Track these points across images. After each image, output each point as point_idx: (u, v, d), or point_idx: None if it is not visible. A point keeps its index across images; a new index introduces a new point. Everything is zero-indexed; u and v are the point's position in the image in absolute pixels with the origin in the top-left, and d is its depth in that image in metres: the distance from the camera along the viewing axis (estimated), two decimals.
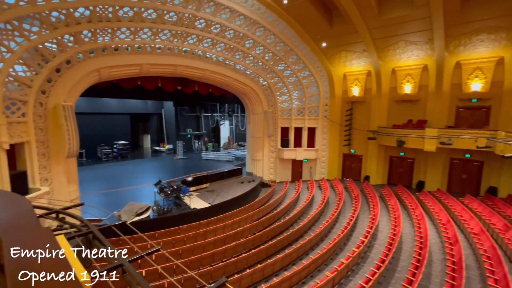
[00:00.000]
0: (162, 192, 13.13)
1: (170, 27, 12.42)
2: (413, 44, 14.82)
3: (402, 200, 14.27)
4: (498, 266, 7.58)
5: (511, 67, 12.83)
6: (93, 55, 11.24)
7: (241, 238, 10.10)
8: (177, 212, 12.20)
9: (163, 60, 13.54)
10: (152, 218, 11.53)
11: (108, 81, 13.10)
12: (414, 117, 16.32)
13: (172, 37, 13.03)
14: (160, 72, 14.36)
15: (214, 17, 13.17)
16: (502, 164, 13.47)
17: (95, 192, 16.48)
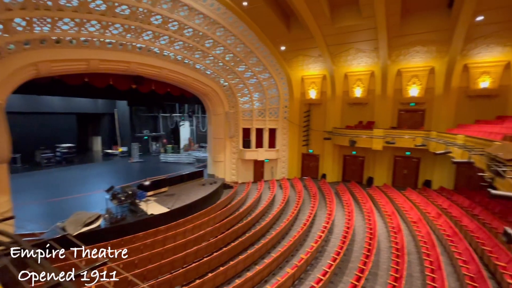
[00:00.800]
0: (115, 198, 12.16)
1: (123, 21, 11.59)
2: (362, 52, 16.17)
3: (354, 195, 15.45)
4: (432, 249, 8.67)
5: (440, 75, 14.80)
6: (28, 47, 9.92)
7: (202, 242, 9.86)
8: (133, 220, 11.41)
9: (114, 56, 12.58)
10: (103, 227, 10.58)
11: (50, 77, 11.69)
12: (364, 118, 17.81)
13: (125, 32, 12.18)
14: (112, 69, 13.30)
15: (172, 13, 12.67)
16: (434, 160, 15.46)
17: (34, 202, 14.54)
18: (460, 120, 14.65)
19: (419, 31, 13.92)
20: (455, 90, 14.63)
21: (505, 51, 13.03)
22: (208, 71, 17.14)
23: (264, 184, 18.84)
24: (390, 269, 7.97)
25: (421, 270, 8.37)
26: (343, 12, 14.54)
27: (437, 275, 7.32)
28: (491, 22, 12.14)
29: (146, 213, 12.02)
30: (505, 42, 12.74)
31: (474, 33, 12.82)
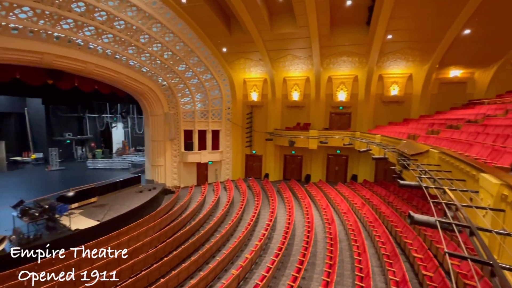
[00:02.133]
0: (25, 215, 10.14)
1: (33, 4, 9.80)
2: (298, 59, 17.39)
3: (294, 192, 16.47)
4: (359, 235, 9.87)
5: (362, 83, 17.02)
6: None
7: (140, 254, 9.05)
8: (51, 238, 9.71)
9: (21, 44, 10.57)
10: (9, 251, 8.70)
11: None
12: (302, 120, 19.17)
13: (37, 18, 10.33)
14: (18, 60, 11.15)
15: (98, 2, 11.31)
16: (359, 157, 17.69)
17: None
18: (378, 121, 17.14)
19: (345, 43, 15.73)
20: (373, 96, 17.04)
21: (408, 65, 15.81)
22: (144, 69, 15.91)
23: (208, 187, 18.47)
24: (326, 257, 8.75)
25: (350, 255, 9.43)
26: (281, 19, 15.37)
27: (362, 257, 8.36)
28: (398, 40, 14.57)
29: (69, 229, 10.39)
30: (408, 58, 15.46)
31: (386, 48, 15.18)
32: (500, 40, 13.04)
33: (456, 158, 4.91)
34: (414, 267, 8.11)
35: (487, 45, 13.48)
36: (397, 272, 7.30)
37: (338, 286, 7.71)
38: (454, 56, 14.58)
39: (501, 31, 12.51)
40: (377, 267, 8.54)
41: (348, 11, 14.15)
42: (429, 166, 5.71)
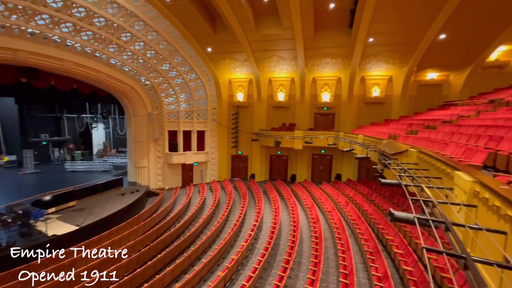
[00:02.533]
0: None
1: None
2: (283, 60, 17.55)
3: (280, 192, 16.59)
4: (343, 233, 10.10)
5: (345, 84, 17.44)
6: None
7: (123, 259, 8.77)
8: (25, 245, 9.20)
9: None
10: None
11: None
12: (287, 121, 19.35)
13: (9, 12, 9.77)
14: None
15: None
16: (343, 156, 18.10)
17: None
18: (360, 122, 17.61)
19: (328, 45, 16.06)
20: (356, 97, 17.50)
21: (389, 68, 16.38)
22: (126, 68, 15.47)
23: (194, 188, 18.22)
24: (311, 256, 8.88)
25: (335, 252, 9.62)
26: (266, 20, 15.45)
27: (346, 254, 8.55)
28: (379, 43, 15.05)
29: (45, 235, 9.90)
30: (389, 60, 16.01)
31: (368, 51, 15.64)
32: (472, 45, 13.80)
33: (433, 157, 5.14)
34: (395, 263, 8.40)
35: (460, 49, 14.22)
36: (379, 268, 7.53)
37: (324, 283, 7.84)
38: (431, 59, 15.27)
39: (473, 36, 13.25)
40: (361, 263, 8.77)
41: (332, 14, 14.45)
42: (408, 164, 5.94)
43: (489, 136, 5.98)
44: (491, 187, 2.73)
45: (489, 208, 2.79)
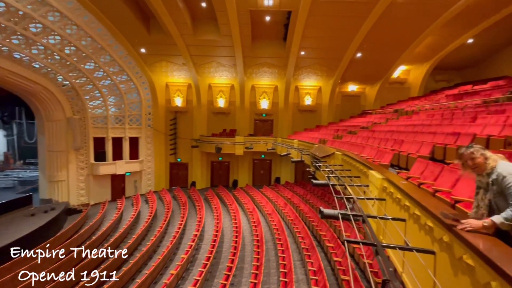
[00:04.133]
0: None
1: None
2: (223, 66, 17.65)
3: (222, 198, 16.44)
4: (282, 234, 10.60)
5: (281, 93, 18.57)
6: None
7: None
8: None
9: None
10: None
11: None
12: (228, 126, 19.42)
13: None
14: None
15: None
16: (281, 160, 19.14)
17: None
18: (295, 128, 18.97)
19: (265, 55, 16.90)
20: (291, 105, 18.82)
21: (318, 79, 18.19)
22: (37, 64, 13.12)
23: (126, 201, 16.48)
24: (253, 260, 9.02)
25: (275, 253, 10.00)
26: (205, 25, 15.31)
27: (286, 254, 8.99)
28: (309, 57, 16.60)
29: None
30: (318, 73, 17.79)
31: (300, 63, 17.07)
32: (381, 63, 16.52)
33: (353, 158, 5.89)
34: (327, 256, 9.22)
35: (372, 66, 16.85)
36: (314, 262, 8.15)
37: (265, 285, 8.04)
38: (351, 73, 17.63)
39: (381, 57, 15.88)
40: (298, 260, 9.33)
41: (268, 26, 15.28)
42: (335, 166, 6.66)
43: (394, 140, 7.21)
44: (394, 182, 3.28)
45: (394, 200, 3.34)
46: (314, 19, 13.03)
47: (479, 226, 1.67)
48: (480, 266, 1.48)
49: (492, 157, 1.85)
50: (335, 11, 12.42)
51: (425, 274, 2.10)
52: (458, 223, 1.81)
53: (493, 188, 1.77)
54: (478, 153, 1.87)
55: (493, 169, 1.81)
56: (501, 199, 1.74)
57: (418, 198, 2.55)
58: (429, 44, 15.20)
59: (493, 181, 1.77)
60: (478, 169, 1.89)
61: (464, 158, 1.95)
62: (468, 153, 1.92)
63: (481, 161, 1.85)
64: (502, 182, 1.70)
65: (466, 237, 1.65)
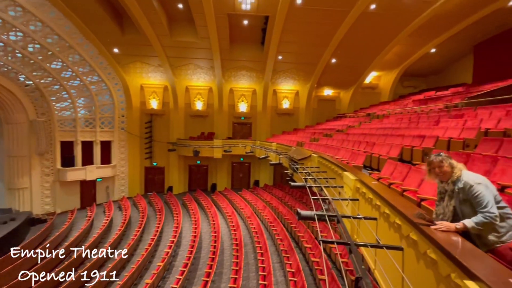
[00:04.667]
0: None
1: None
2: (200, 68, 17.44)
3: (200, 203, 16.14)
4: (261, 236, 10.61)
5: (260, 96, 18.73)
6: None
7: None
8: None
9: None
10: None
11: None
12: (206, 130, 19.17)
13: None
14: None
15: None
16: (260, 163, 19.22)
17: None
18: (274, 131, 19.19)
19: (243, 58, 16.98)
20: (269, 108, 19.03)
21: (295, 83, 18.60)
22: None
23: (97, 209, 15.57)
24: (232, 264, 8.93)
25: (255, 256, 9.98)
26: (182, 27, 15.05)
27: (265, 256, 9.01)
28: (287, 61, 16.93)
29: None
30: (295, 77, 18.19)
31: (278, 67, 17.35)
32: (354, 69, 17.28)
33: (329, 160, 6.08)
34: (305, 256, 9.38)
35: (346, 72, 17.57)
36: (293, 264, 8.24)
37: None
38: (326, 78, 18.23)
39: (354, 63, 16.63)
40: (277, 263, 9.39)
41: (246, 30, 15.38)
42: (311, 168, 6.82)
43: (366, 142, 7.55)
44: (366, 183, 3.44)
45: (366, 200, 3.49)
46: (291, 24, 13.35)
47: (452, 228, 1.79)
48: (442, 260, 1.59)
49: (458, 166, 1.97)
50: (311, 18, 12.83)
51: (395, 269, 2.21)
52: (432, 224, 1.92)
53: (459, 196, 1.89)
54: (446, 162, 1.98)
55: (458, 178, 1.92)
56: (466, 206, 1.86)
57: (387, 198, 2.68)
58: (397, 52, 16.19)
59: (459, 190, 1.88)
60: (443, 177, 2.00)
61: (433, 165, 2.05)
62: (437, 161, 2.02)
63: (448, 170, 1.97)
64: (469, 191, 1.81)
65: (429, 233, 1.76)
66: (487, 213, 1.69)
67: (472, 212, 1.81)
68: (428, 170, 2.12)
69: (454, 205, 1.92)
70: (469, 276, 1.29)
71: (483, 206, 1.72)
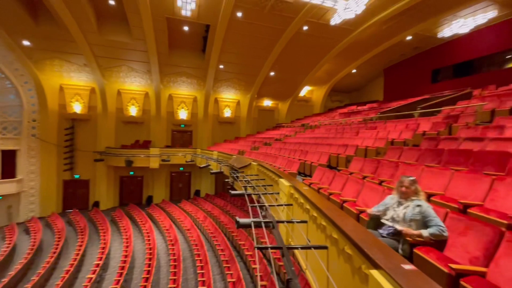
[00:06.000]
0: None
1: None
2: (135, 71, 16.17)
3: (133, 218, 14.65)
4: (201, 249, 10.23)
5: (201, 104, 18.39)
6: None
7: None
8: None
9: None
10: None
11: None
12: (141, 137, 17.71)
13: None
14: None
15: None
16: (201, 172, 18.71)
17: None
18: (215, 139, 19.03)
19: (183, 64, 16.49)
20: (211, 116, 18.85)
21: (237, 93, 18.95)
22: None
23: None
24: (169, 282, 8.31)
25: (194, 270, 9.53)
26: (113, 25, 13.76)
27: (205, 269, 8.69)
28: (228, 71, 17.16)
29: None
30: (236, 87, 18.54)
31: (220, 76, 17.43)
32: (290, 83, 18.67)
33: (267, 168, 6.34)
34: (246, 264, 9.43)
35: (284, 85, 18.83)
36: (234, 273, 8.17)
37: None
38: (266, 90, 19.16)
39: (290, 77, 17.98)
40: (218, 274, 9.17)
41: (187, 36, 15.03)
42: (251, 176, 6.98)
43: (301, 151, 8.17)
44: (298, 189, 3.70)
45: (299, 205, 3.75)
46: (232, 36, 13.67)
47: (418, 234, 2.23)
48: (355, 254, 1.82)
49: (420, 191, 2.56)
50: (251, 31, 13.41)
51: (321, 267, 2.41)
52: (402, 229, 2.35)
53: (414, 211, 2.39)
54: (415, 185, 2.54)
55: (418, 198, 2.49)
56: (418, 220, 2.34)
57: (315, 201, 2.94)
58: (326, 70, 18.23)
59: (417, 207, 2.40)
60: (406, 195, 2.53)
61: (403, 184, 2.56)
62: (408, 181, 2.55)
63: (412, 191, 2.52)
64: (426, 211, 2.32)
65: (346, 231, 2.00)
66: (441, 227, 2.17)
67: (421, 226, 2.31)
68: (396, 187, 2.65)
69: (408, 217, 2.40)
70: (374, 266, 1.51)
71: (436, 222, 2.23)
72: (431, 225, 2.24)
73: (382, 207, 2.70)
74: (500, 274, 1.56)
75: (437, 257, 1.85)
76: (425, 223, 2.30)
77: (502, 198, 2.40)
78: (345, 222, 2.23)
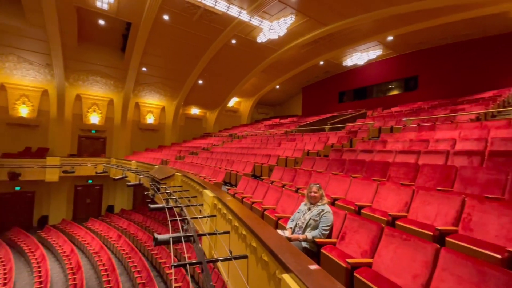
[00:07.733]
0: None
1: None
2: (29, 63, 13.23)
3: (17, 246, 11.60)
4: (112, 273, 8.87)
5: (118, 108, 16.42)
6: None
7: None
8: None
9: None
10: None
11: None
12: (34, 144, 14.39)
13: None
14: None
15: None
16: (116, 185, 16.47)
17: None
18: (135, 148, 17.22)
19: (97, 62, 14.48)
20: (130, 122, 17.03)
21: (161, 99, 17.80)
22: None
23: None
24: None
25: None
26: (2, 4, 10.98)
27: None
28: (152, 75, 15.99)
29: None
30: (161, 92, 17.42)
31: (142, 79, 16.04)
32: (219, 93, 18.79)
33: (191, 178, 6.09)
34: (167, 283, 8.68)
35: (212, 94, 18.80)
36: None
37: None
38: (194, 98, 18.69)
39: (219, 87, 18.12)
40: None
41: (103, 31, 13.29)
42: (174, 188, 6.56)
43: (227, 160, 8.21)
44: (221, 199, 3.67)
45: (222, 215, 3.70)
46: (157, 38, 12.88)
47: (303, 238, 2.64)
48: (271, 260, 1.90)
49: (325, 196, 2.96)
50: (179, 36, 12.94)
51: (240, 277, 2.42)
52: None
53: (314, 214, 2.79)
54: (321, 191, 2.94)
55: (323, 203, 2.87)
56: (316, 222, 2.75)
57: (236, 211, 2.96)
58: (253, 83, 19.18)
59: (321, 211, 2.78)
60: (314, 200, 2.89)
61: (311, 190, 2.93)
62: (315, 188, 2.94)
63: (318, 196, 2.90)
64: (323, 216, 2.74)
65: (263, 239, 2.07)
66: (323, 230, 2.64)
67: (315, 228, 2.73)
68: (306, 193, 3.01)
69: (308, 220, 2.81)
70: (285, 270, 1.60)
71: (321, 226, 2.67)
72: (318, 229, 2.68)
73: (295, 219, 3.05)
74: (381, 263, 1.89)
75: (338, 254, 2.11)
76: (317, 226, 2.74)
77: (384, 199, 2.97)
78: (263, 230, 2.31)
